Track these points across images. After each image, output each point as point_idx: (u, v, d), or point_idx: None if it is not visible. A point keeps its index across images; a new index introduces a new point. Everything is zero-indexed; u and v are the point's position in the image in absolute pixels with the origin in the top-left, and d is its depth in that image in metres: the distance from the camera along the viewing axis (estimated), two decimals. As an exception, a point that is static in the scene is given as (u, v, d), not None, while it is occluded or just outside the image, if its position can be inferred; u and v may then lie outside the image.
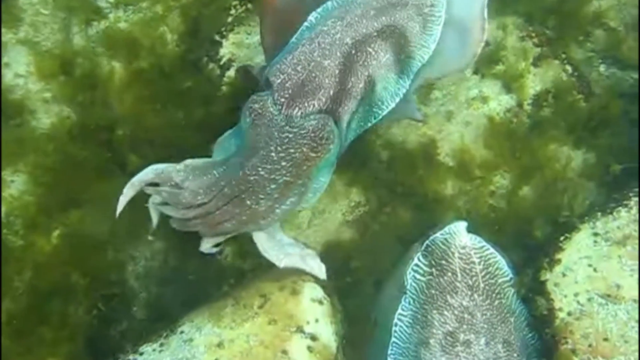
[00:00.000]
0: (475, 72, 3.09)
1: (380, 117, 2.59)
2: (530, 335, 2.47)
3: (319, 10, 2.62)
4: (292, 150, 2.38)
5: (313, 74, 2.43)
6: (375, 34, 2.50)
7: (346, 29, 2.48)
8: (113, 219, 2.79)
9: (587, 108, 3.01)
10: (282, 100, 2.42)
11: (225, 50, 3.10)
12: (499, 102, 3.02)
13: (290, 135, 2.38)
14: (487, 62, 3.08)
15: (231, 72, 3.04)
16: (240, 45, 3.09)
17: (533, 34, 3.14)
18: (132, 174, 2.90)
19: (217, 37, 3.12)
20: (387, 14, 2.54)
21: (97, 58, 3.11)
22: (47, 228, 2.76)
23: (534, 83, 3.06)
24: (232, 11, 3.16)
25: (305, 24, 2.61)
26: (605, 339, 2.27)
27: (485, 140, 2.93)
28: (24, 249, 2.70)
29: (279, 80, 2.43)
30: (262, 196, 2.42)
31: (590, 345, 2.28)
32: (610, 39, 3.15)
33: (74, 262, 2.67)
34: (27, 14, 3.20)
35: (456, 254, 2.43)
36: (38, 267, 2.64)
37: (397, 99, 2.58)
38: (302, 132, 2.37)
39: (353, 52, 2.46)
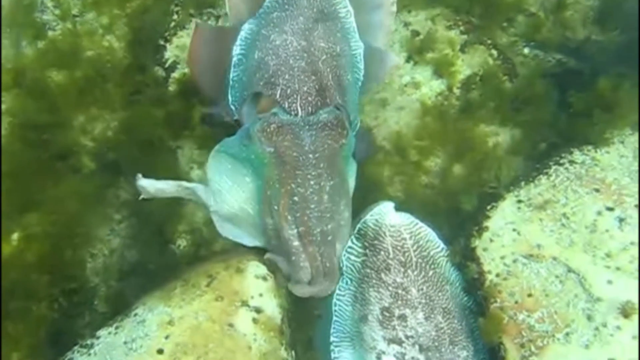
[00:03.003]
0: (408, 60, 3.28)
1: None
2: (466, 298, 2.65)
3: (251, 21, 2.84)
4: (321, 148, 2.50)
5: (301, 77, 2.62)
6: (316, 33, 2.73)
7: (295, 36, 2.70)
8: (69, 219, 2.95)
9: (512, 88, 3.21)
10: (294, 105, 2.58)
11: (170, 53, 3.24)
12: (430, 87, 3.22)
13: (314, 132, 2.51)
14: (419, 50, 3.27)
15: (176, 74, 3.19)
16: (183, 48, 3.24)
17: (460, 23, 3.34)
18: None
19: (161, 42, 3.27)
20: (314, 18, 2.78)
21: (47, 69, 3.23)
22: (7, 232, 2.86)
23: (463, 68, 3.26)
24: (175, 16, 3.31)
25: (245, 35, 2.82)
26: (529, 295, 2.47)
27: (418, 124, 3.12)
28: (-16, 252, 2.81)
29: (278, 91, 2.60)
30: (333, 208, 2.53)
31: (516, 302, 2.47)
32: (531, 23, 3.36)
33: (34, 262, 2.77)
34: (-22, 33, 3.31)
35: (387, 233, 2.59)
36: (-2, 268, 2.76)
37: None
38: (320, 125, 2.52)
39: (312, 49, 2.68)
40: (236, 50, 2.81)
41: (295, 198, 2.47)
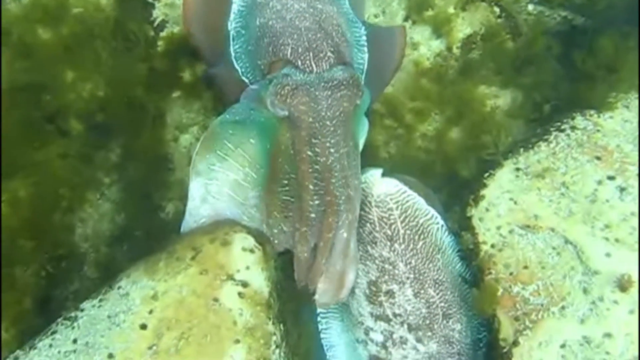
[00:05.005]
0: (406, 19, 3.15)
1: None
2: (459, 265, 2.58)
3: None
4: (338, 113, 2.38)
5: (309, 35, 2.52)
6: None
7: (295, 0, 2.62)
8: (57, 183, 2.89)
9: (514, 48, 3.09)
10: (307, 62, 2.47)
11: (158, 12, 3.11)
12: (429, 48, 3.10)
13: (329, 93, 2.39)
14: (417, 9, 3.14)
15: (164, 33, 3.07)
16: (172, 6, 3.11)
17: (461, -22, 3.20)
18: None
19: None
20: None
21: (32, 26, 3.11)
22: (-8, 198, 2.81)
23: (463, 27, 3.13)
24: (163, -28, 3.18)
25: (239, 7, 2.74)
26: (525, 267, 2.40)
27: (415, 86, 3.01)
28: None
29: (289, 50, 2.49)
30: (353, 173, 2.40)
31: (511, 274, 2.41)
32: (537, -23, 3.22)
33: (20, 227, 2.72)
34: (-37, -12, 3.19)
35: (373, 204, 2.49)
36: (-18, 237, 2.70)
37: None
38: (336, 84, 2.40)
39: (312, 10, 2.60)
40: (232, 24, 2.72)
41: (317, 167, 2.36)
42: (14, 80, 2.99)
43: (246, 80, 2.68)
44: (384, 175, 2.53)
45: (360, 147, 2.60)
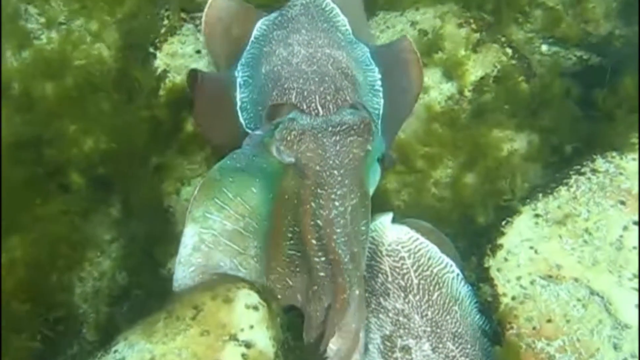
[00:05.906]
0: (415, 63, 3.05)
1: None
2: (478, 317, 2.43)
3: (249, 48, 2.76)
4: (346, 161, 2.23)
5: (315, 79, 2.46)
6: (320, 42, 2.62)
7: (302, 46, 2.59)
8: (55, 241, 2.78)
9: (528, 89, 2.98)
10: (313, 104, 2.39)
11: (160, 61, 3.05)
12: (440, 91, 3.00)
13: (338, 139, 2.23)
14: (427, 51, 3.04)
15: (166, 83, 3.00)
16: (174, 56, 3.05)
17: (471, 20, 3.11)
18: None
19: (151, 49, 3.08)
20: (315, 30, 2.68)
21: (33, 80, 3.05)
22: (-12, 258, 2.70)
23: (475, 69, 3.03)
24: (165, 21, 3.12)
25: (246, 60, 2.74)
26: (549, 321, 2.24)
27: (427, 131, 2.90)
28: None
29: (294, 94, 2.42)
30: (356, 230, 2.26)
31: (534, 328, 2.25)
32: (549, 18, 3.14)
33: (16, 290, 2.60)
34: (-38, 43, 3.15)
35: (384, 252, 2.36)
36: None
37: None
38: (345, 128, 2.24)
39: (320, 55, 2.55)
40: (239, 74, 2.68)
41: (319, 222, 2.21)
42: (15, 134, 2.92)
43: (249, 131, 2.57)
44: (394, 221, 2.38)
45: (371, 193, 2.45)
